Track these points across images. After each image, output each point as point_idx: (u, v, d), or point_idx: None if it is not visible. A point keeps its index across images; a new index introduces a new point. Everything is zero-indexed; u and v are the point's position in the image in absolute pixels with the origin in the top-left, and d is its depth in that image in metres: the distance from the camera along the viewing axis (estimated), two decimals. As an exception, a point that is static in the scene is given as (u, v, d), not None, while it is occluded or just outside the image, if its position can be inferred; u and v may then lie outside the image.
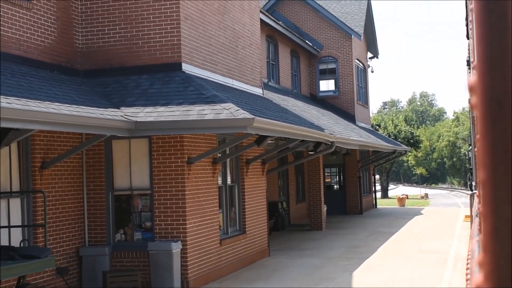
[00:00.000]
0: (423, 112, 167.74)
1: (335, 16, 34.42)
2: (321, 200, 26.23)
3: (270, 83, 28.03)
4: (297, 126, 15.20)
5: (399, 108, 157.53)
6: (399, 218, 31.39)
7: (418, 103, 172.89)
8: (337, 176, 35.60)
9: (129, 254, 14.28)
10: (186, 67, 14.44)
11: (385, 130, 59.91)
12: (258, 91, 18.95)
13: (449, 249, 20.05)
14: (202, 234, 14.70)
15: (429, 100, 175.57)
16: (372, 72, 38.94)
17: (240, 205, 17.51)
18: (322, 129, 18.39)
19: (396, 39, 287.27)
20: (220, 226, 16.41)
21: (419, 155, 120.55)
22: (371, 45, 39.15)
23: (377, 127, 60.62)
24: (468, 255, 11.00)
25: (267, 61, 28.18)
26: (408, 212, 35.34)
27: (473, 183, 26.78)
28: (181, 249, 13.85)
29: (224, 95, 13.73)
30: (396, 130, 60.44)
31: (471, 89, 1.24)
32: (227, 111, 12.41)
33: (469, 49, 18.82)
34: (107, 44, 14.72)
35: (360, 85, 37.18)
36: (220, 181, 16.57)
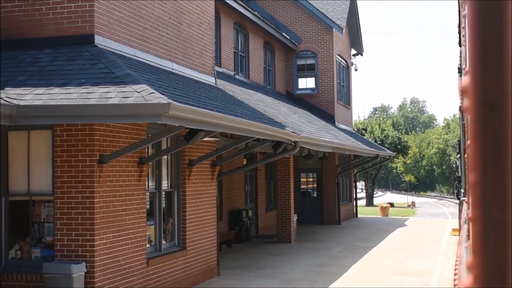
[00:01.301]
0: (414, 119, 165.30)
1: (315, 7, 31.43)
2: (290, 209, 23.21)
3: (237, 76, 25.01)
4: (244, 120, 12.16)
5: (389, 114, 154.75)
6: (380, 230, 28.40)
7: (409, 109, 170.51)
8: (315, 182, 32.53)
9: (23, 276, 11.20)
10: (102, 41, 11.39)
11: (372, 135, 57.10)
12: (208, 79, 15.91)
13: (432, 271, 17.08)
14: (119, 252, 11.64)
15: (419, 106, 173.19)
16: (356, 70, 35.98)
17: (179, 215, 14.47)
18: (282, 127, 15.36)
19: (387, 44, 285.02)
20: (151, 241, 13.39)
21: (408, 162, 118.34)
22: (355, 41, 36.20)
23: (363, 131, 57.85)
24: (456, 261, 10.65)
25: (234, 52, 25.15)
26: (391, 223, 32.35)
27: (462, 190, 25.28)
28: (86, 272, 10.79)
29: (143, 76, 10.68)
30: (383, 135, 57.64)
31: (464, 91, 1.24)
32: (138, 94, 9.36)
33: (460, 56, 18.46)
34: (3, 11, 11.64)
35: (342, 84, 34.20)
36: (153, 186, 13.55)
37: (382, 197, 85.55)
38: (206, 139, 13.64)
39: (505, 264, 1.21)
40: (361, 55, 36.54)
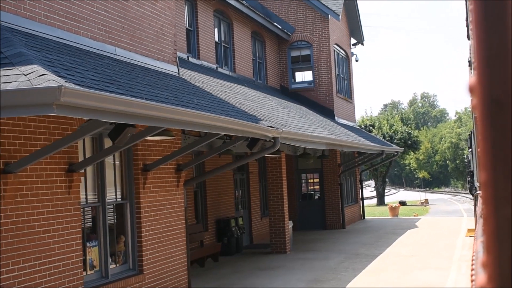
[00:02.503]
0: (425, 114, 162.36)
1: (308, -7, 28.84)
2: (284, 215, 20.65)
3: (221, 70, 22.50)
4: (194, 111, 9.60)
5: (400, 110, 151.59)
6: (388, 234, 25.75)
7: (420, 104, 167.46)
8: (318, 184, 29.85)
9: None
10: (4, 17, 8.89)
11: (380, 131, 54.46)
12: (167, 67, 13.39)
13: (444, 283, 14.48)
14: (40, 285, 9.13)
15: (430, 101, 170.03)
16: (357, 61, 33.37)
17: (134, 232, 11.95)
18: (256, 120, 12.79)
19: (397, 39, 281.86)
20: (95, 267, 10.90)
21: (421, 157, 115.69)
22: (355, 30, 33.57)
23: (371, 127, 55.21)
24: (472, 256, 10.22)
25: (216, 43, 22.65)
26: (401, 225, 29.67)
27: (477, 184, 23.79)
28: (-11, 316, 8.30)
29: (48, 56, 8.15)
30: (392, 131, 54.97)
31: (471, 90, 1.26)
32: (25, 77, 6.85)
33: (470, 50, 18.33)
34: None
35: (342, 76, 31.59)
36: (94, 198, 11.05)
37: (395, 195, 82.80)
38: (158, 138, 11.13)
39: None
40: (362, 44, 33.91)
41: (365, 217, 33.86)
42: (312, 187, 29.64)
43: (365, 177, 79.99)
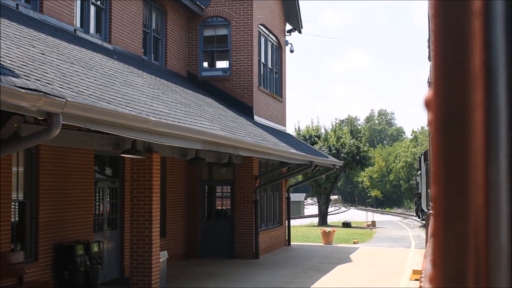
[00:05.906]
0: (381, 131, 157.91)
1: (230, -42, 22.71)
2: (151, 243, 14.39)
3: (84, 35, 16.23)
4: None
5: (355, 125, 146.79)
6: (310, 270, 19.58)
7: (376, 121, 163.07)
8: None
9: None
10: None
11: (326, 143, 48.74)
12: None
13: None
14: None
15: (387, 118, 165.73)
16: (292, 51, 27.26)
17: None
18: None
19: (360, 53, 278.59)
20: None
21: (374, 176, 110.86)
22: (291, 14, 27.50)
23: (316, 138, 49.48)
24: (421, 272, 9.46)
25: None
26: (332, 256, 23.54)
27: (429, 207, 19.14)
28: None
29: None
30: (339, 143, 49.32)
31: (427, 104, 1.25)
32: None
33: (430, 71, 15.28)
34: None
35: (270, 67, 25.46)
36: None
37: (342, 214, 77.13)
38: None
39: (465, 277, 1.13)
40: (299, 32, 27.83)
41: (291, 243, 27.59)
42: (221, 204, 23.37)
43: (301, 193, 73.15)
